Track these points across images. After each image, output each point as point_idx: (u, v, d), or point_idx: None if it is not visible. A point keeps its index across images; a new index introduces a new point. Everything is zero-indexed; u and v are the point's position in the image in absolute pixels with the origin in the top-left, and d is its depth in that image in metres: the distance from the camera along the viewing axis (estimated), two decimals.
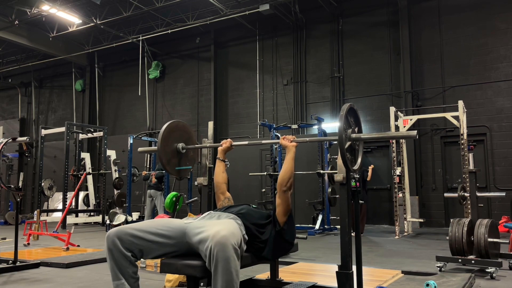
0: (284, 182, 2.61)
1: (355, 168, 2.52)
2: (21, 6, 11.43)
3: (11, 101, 18.16)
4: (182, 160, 3.11)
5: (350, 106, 2.51)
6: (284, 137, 2.81)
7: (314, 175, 8.94)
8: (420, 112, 9.80)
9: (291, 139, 2.77)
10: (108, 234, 2.31)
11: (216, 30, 13.24)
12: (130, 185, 10.91)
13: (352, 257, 2.54)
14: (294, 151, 2.73)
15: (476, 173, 5.06)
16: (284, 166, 2.67)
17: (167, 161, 2.98)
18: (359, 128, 2.60)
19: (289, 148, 2.73)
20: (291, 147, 2.73)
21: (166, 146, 2.97)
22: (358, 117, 2.62)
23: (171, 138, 3.01)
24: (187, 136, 3.15)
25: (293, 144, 2.74)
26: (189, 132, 3.18)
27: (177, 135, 3.07)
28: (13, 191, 4.90)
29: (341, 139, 2.36)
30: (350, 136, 2.46)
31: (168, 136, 2.97)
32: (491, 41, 9.75)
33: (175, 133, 3.05)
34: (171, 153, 3.01)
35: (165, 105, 14.28)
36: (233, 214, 2.47)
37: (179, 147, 3.05)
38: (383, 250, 6.30)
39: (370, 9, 11.26)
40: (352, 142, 2.48)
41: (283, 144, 2.77)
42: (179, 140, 3.07)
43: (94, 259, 5.19)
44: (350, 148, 2.47)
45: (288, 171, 2.64)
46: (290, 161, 2.67)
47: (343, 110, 2.42)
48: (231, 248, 2.06)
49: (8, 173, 11.99)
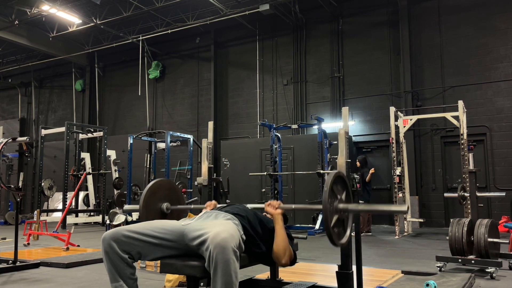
0: (281, 256, 2.45)
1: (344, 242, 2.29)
2: (21, 6, 11.43)
3: (11, 101, 18.17)
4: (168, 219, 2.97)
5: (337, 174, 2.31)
6: (269, 203, 2.62)
7: (314, 175, 8.93)
8: (420, 112, 9.80)
9: (276, 205, 2.57)
10: (104, 237, 2.29)
11: (216, 30, 13.24)
12: (130, 185, 10.91)
13: (352, 257, 2.54)
14: (281, 218, 2.53)
15: (476, 173, 5.06)
16: (276, 239, 2.46)
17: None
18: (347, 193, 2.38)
19: (274, 216, 2.53)
20: (276, 215, 2.53)
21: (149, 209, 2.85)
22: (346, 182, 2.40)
23: (155, 199, 2.90)
24: (172, 194, 3.04)
25: (278, 211, 2.54)
26: (174, 190, 3.07)
27: (161, 195, 2.95)
28: (13, 191, 4.90)
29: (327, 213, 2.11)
30: (337, 207, 2.25)
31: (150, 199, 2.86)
32: (491, 41, 9.75)
33: (159, 193, 2.94)
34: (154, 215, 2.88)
35: (165, 105, 14.28)
36: (230, 214, 2.46)
37: (164, 208, 2.93)
38: (383, 250, 6.30)
39: (370, 9, 11.27)
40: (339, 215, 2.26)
41: (268, 211, 2.57)
42: (164, 200, 2.95)
43: (94, 259, 5.18)
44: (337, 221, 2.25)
45: (281, 245, 2.45)
46: (280, 231, 2.48)
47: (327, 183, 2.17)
48: (230, 251, 2.06)
49: (8, 173, 12.00)
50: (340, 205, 2.26)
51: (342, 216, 2.29)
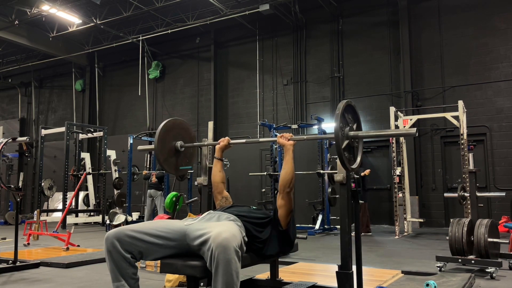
0: (287, 183, 2.59)
1: (354, 167, 2.44)
2: (21, 6, 11.43)
3: (11, 101, 18.17)
4: (180, 159, 3.06)
5: (348, 102, 2.42)
6: (281, 135, 2.76)
7: (314, 175, 8.93)
8: (420, 112, 9.79)
9: (288, 137, 2.71)
10: (107, 236, 2.30)
11: (216, 30, 13.24)
12: (130, 185, 10.91)
13: (352, 257, 2.54)
14: (293, 149, 2.69)
15: (476, 173, 5.06)
16: (285, 166, 2.64)
17: (165, 159, 2.93)
18: (358, 125, 2.50)
19: (287, 147, 2.68)
20: (288, 146, 2.68)
21: (164, 144, 2.91)
22: (357, 114, 2.52)
23: (169, 136, 2.96)
24: (186, 133, 3.09)
25: (290, 142, 2.69)
26: (188, 130, 3.12)
27: (175, 133, 3.01)
28: (13, 191, 4.90)
29: (338, 138, 2.24)
30: (348, 134, 2.37)
31: (165, 135, 2.92)
32: (491, 41, 9.75)
33: (173, 131, 2.99)
34: (169, 152, 2.95)
35: (165, 105, 14.28)
36: (233, 216, 2.46)
37: (178, 145, 2.99)
38: (383, 250, 6.30)
39: (370, 9, 11.27)
40: (350, 141, 2.40)
41: (281, 142, 2.72)
42: (177, 138, 3.01)
43: (94, 259, 5.19)
44: (348, 146, 2.39)
45: (290, 172, 2.61)
46: (290, 161, 2.64)
47: (339, 107, 2.31)
48: (232, 251, 2.06)
49: (8, 173, 11.99)
50: (351, 132, 2.40)
51: (352, 143, 2.42)
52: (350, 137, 2.39)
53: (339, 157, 2.28)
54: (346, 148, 2.36)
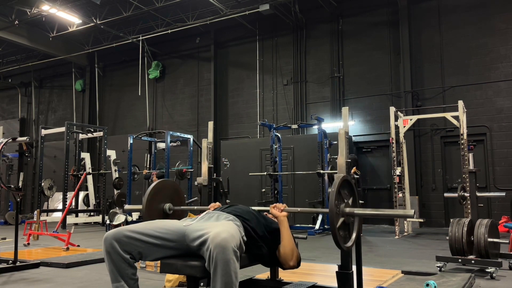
0: (289, 257, 2.48)
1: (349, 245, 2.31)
2: (21, 6, 11.43)
3: (11, 101, 18.16)
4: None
5: (344, 178, 2.31)
6: (274, 205, 2.64)
7: (314, 175, 8.93)
8: (420, 112, 9.80)
9: (281, 208, 2.59)
10: (105, 237, 2.29)
11: (216, 30, 13.24)
12: (130, 185, 10.91)
13: (352, 257, 2.54)
14: (287, 221, 2.56)
15: (476, 173, 5.05)
16: (282, 241, 2.49)
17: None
18: (353, 198, 2.39)
19: (280, 218, 2.55)
20: (282, 217, 2.54)
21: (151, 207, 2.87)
22: (353, 189, 2.40)
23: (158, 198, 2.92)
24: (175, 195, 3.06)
25: (283, 214, 2.55)
26: (179, 193, 3.09)
27: (164, 195, 2.97)
28: (13, 191, 4.90)
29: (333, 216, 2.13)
30: (343, 211, 2.26)
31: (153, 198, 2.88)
32: (491, 41, 9.75)
33: (162, 193, 2.96)
34: (157, 215, 2.91)
35: (165, 105, 14.28)
36: (232, 215, 2.46)
37: (166, 208, 2.95)
38: (383, 250, 6.30)
39: (370, 9, 11.27)
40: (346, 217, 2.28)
41: (273, 213, 2.59)
42: (166, 200, 2.97)
43: (94, 259, 5.18)
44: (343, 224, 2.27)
45: (288, 245, 2.48)
46: (286, 233, 2.50)
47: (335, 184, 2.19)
48: (231, 251, 2.06)
49: (8, 173, 11.99)
50: (347, 209, 2.27)
51: (348, 220, 2.30)
52: (345, 214, 2.28)
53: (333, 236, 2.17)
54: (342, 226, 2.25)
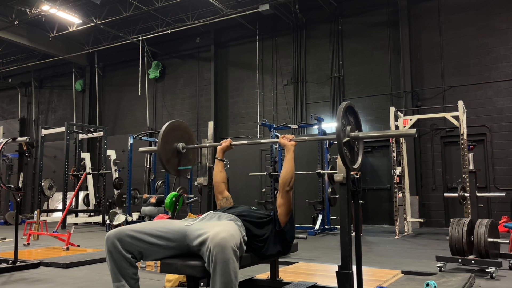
0: (287, 182, 2.62)
1: (355, 167, 2.47)
2: (21, 6, 11.43)
3: (11, 101, 18.16)
4: (181, 160, 3.10)
5: (349, 104, 2.47)
6: (283, 136, 2.81)
7: (314, 175, 8.93)
8: (420, 112, 9.79)
9: (290, 138, 2.77)
10: (107, 236, 2.30)
11: (216, 30, 13.24)
12: (130, 185, 10.91)
13: (352, 257, 2.54)
14: (294, 150, 2.74)
15: (476, 173, 5.06)
16: (285, 165, 2.67)
17: (167, 160, 2.97)
18: (359, 129, 2.55)
19: (288, 147, 2.73)
20: (290, 146, 2.73)
21: (167, 145, 2.95)
22: (358, 117, 2.58)
23: (172, 138, 3.00)
24: (188, 136, 3.14)
25: (292, 143, 2.74)
26: (190, 133, 3.17)
27: (178, 135, 3.06)
28: (13, 191, 4.90)
29: (339, 135, 2.30)
30: (349, 133, 2.42)
31: (168, 135, 2.96)
32: (491, 41, 9.75)
33: (176, 133, 3.04)
34: (171, 153, 2.99)
35: (165, 105, 14.28)
36: (233, 215, 2.47)
37: (179, 147, 3.03)
38: (383, 250, 6.30)
39: (370, 9, 11.26)
40: (350, 140, 2.43)
41: (282, 143, 2.77)
42: (180, 140, 3.06)
43: (94, 259, 5.19)
44: (348, 146, 2.43)
45: (290, 171, 2.65)
46: (290, 160, 2.69)
47: (341, 106, 2.38)
48: (230, 250, 2.06)
49: (8, 173, 11.99)
50: (352, 133, 2.43)
51: (352, 143, 2.46)
52: (351, 136, 2.42)
53: (340, 154, 2.30)
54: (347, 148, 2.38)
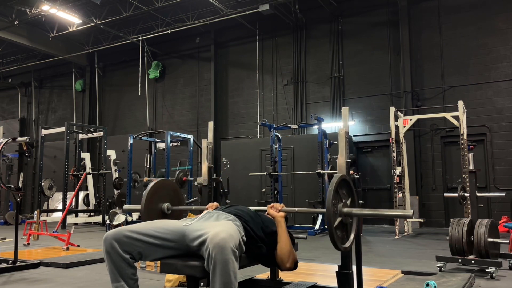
0: (286, 259, 2.44)
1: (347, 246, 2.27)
2: (21, 6, 11.43)
3: (11, 101, 18.16)
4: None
5: (342, 177, 2.28)
6: (272, 205, 2.62)
7: (314, 175, 8.93)
8: (420, 112, 9.80)
9: (279, 208, 2.57)
10: (105, 237, 2.29)
11: (216, 30, 13.24)
12: (130, 185, 10.91)
13: (352, 257, 2.54)
14: (284, 221, 2.53)
15: (476, 173, 5.05)
16: (279, 242, 2.45)
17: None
18: (352, 200, 2.36)
19: (277, 219, 2.52)
20: (279, 217, 2.52)
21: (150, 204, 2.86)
22: (351, 188, 2.37)
23: (157, 197, 2.91)
24: (174, 195, 3.04)
25: (280, 214, 2.53)
26: (177, 192, 3.08)
27: (163, 195, 2.96)
28: (13, 191, 4.90)
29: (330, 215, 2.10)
30: (341, 210, 2.23)
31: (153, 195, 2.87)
32: (491, 41, 9.75)
33: (160, 193, 2.95)
34: (155, 215, 2.89)
35: (165, 105, 14.28)
36: (232, 215, 2.46)
37: (164, 208, 2.94)
38: (383, 250, 6.30)
39: (370, 9, 11.27)
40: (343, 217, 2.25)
41: (271, 214, 2.56)
42: (165, 200, 2.96)
43: (94, 259, 5.18)
44: (341, 224, 2.24)
45: (285, 247, 2.44)
46: (283, 234, 2.47)
47: (333, 183, 2.17)
48: (229, 251, 2.05)
49: (8, 173, 11.99)
50: (345, 209, 2.25)
51: (346, 220, 2.27)
52: (343, 214, 2.25)
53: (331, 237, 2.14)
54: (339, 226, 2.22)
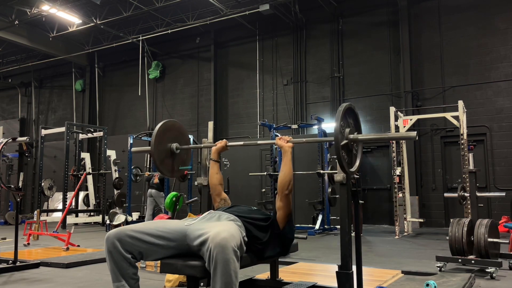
0: (286, 185, 2.59)
1: (352, 170, 2.41)
2: (21, 6, 11.43)
3: (11, 101, 18.16)
4: (175, 161, 3.00)
5: (349, 105, 2.41)
6: (280, 137, 2.76)
7: (314, 175, 8.93)
8: (420, 112, 9.79)
9: (287, 139, 2.72)
10: (107, 236, 2.30)
11: (216, 30, 13.24)
12: (130, 185, 10.91)
13: (352, 257, 2.54)
14: (291, 151, 2.68)
15: (476, 173, 5.06)
16: (283, 168, 2.63)
17: (161, 161, 2.88)
18: (358, 131, 2.49)
19: (285, 148, 2.68)
20: (287, 147, 2.68)
21: (160, 145, 2.86)
22: (358, 119, 2.52)
23: (165, 138, 2.91)
24: (182, 137, 3.05)
25: (289, 144, 2.69)
26: (184, 133, 3.09)
27: (172, 135, 2.96)
28: (13, 191, 4.90)
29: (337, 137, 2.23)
30: (348, 136, 2.36)
31: (162, 135, 2.87)
32: (491, 41, 9.75)
33: (170, 133, 2.94)
34: (164, 153, 2.90)
35: (165, 105, 14.28)
36: (234, 215, 2.46)
37: (173, 147, 2.93)
38: (383, 250, 6.30)
39: (370, 9, 11.26)
40: (349, 142, 2.37)
41: (279, 144, 2.72)
42: (174, 140, 2.96)
43: (94, 259, 5.19)
44: (346, 148, 2.36)
45: (288, 174, 2.60)
46: (288, 162, 2.64)
47: (341, 108, 2.33)
48: (230, 250, 2.06)
49: (8, 173, 12.00)
50: (351, 135, 2.38)
51: (351, 146, 2.41)
52: (349, 139, 2.36)
53: (338, 157, 2.26)
54: (345, 150, 2.33)
